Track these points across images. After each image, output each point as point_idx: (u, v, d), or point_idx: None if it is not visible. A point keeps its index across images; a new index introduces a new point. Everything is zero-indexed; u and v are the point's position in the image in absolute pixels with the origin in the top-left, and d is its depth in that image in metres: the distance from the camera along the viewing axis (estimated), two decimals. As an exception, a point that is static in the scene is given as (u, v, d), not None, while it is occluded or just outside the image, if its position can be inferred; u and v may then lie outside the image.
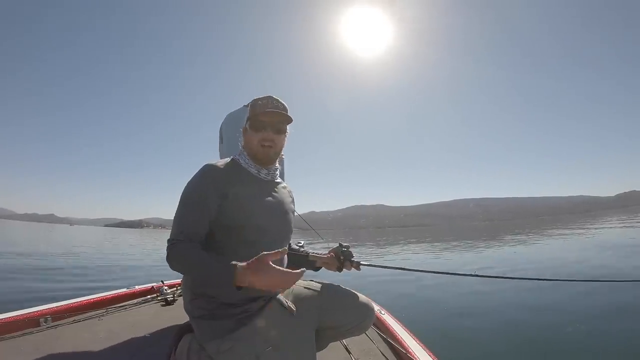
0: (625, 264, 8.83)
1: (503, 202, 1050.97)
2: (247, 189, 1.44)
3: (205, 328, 1.32)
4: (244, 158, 1.53)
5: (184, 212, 1.36)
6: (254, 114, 1.51)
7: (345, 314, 1.52)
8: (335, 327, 1.53)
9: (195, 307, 1.36)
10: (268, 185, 1.56)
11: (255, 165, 1.52)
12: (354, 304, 1.55)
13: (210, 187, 1.36)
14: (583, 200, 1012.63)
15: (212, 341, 1.29)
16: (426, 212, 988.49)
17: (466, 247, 17.63)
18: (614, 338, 3.94)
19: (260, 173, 1.53)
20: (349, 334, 1.60)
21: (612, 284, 6.21)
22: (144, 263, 12.82)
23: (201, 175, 1.40)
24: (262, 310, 1.37)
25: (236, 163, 1.52)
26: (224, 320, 1.31)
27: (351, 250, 1.78)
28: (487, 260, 11.60)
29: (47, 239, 30.82)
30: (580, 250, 10.50)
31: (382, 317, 2.49)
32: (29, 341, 2.07)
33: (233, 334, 1.27)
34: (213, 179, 1.38)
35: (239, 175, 1.47)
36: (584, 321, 4.47)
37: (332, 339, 1.64)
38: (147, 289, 3.21)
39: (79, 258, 13.81)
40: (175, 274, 1.41)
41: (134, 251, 20.20)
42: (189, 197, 1.38)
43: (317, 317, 1.48)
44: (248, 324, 1.30)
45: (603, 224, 29.85)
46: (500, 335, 4.26)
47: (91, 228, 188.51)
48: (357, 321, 1.54)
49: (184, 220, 1.34)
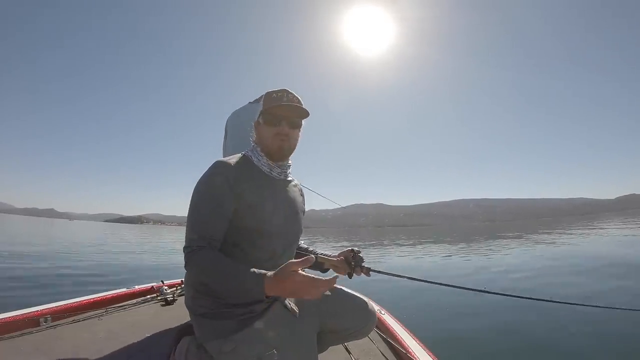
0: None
1: (504, 203, 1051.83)
2: (259, 190, 1.39)
3: (207, 327, 1.31)
4: (257, 155, 1.47)
5: (200, 214, 1.29)
6: (268, 107, 1.43)
7: (348, 318, 1.52)
8: (337, 330, 1.52)
9: (198, 305, 1.34)
10: (280, 185, 1.51)
11: (268, 162, 1.46)
12: (356, 309, 1.54)
13: (225, 187, 1.30)
14: (583, 202, 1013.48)
15: (214, 341, 1.28)
16: (426, 211, 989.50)
17: (472, 250, 17.53)
18: (616, 340, 3.92)
19: (272, 172, 1.47)
20: (351, 338, 1.60)
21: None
22: (143, 262, 12.81)
23: (214, 174, 1.33)
24: (266, 312, 1.34)
25: (248, 160, 1.45)
26: (227, 320, 1.29)
27: (362, 255, 1.66)
28: (495, 266, 11.29)
29: (47, 234, 30.78)
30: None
31: (382, 317, 2.49)
32: (28, 341, 2.06)
33: (236, 335, 1.26)
34: (226, 179, 1.31)
35: (251, 173, 1.41)
36: (585, 321, 4.46)
37: (333, 343, 1.64)
38: (147, 289, 3.20)
39: (79, 256, 13.80)
40: (175, 274, 1.40)
41: (134, 249, 20.18)
42: (203, 198, 1.31)
43: (319, 320, 1.47)
44: (251, 326, 1.28)
45: (594, 228, 29.62)
46: (500, 336, 4.26)
47: (91, 223, 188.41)
48: (358, 326, 1.54)
49: (202, 223, 1.28)
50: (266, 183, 1.44)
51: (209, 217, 1.27)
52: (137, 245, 24.05)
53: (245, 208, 1.32)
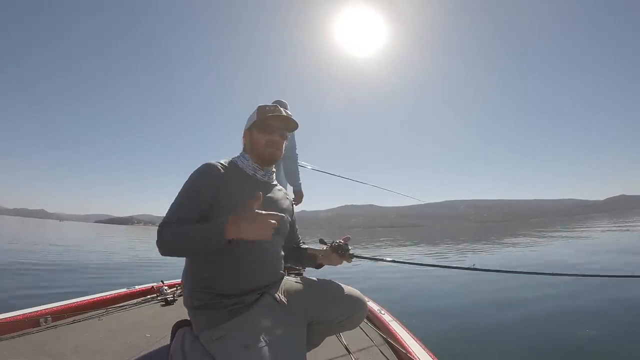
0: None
1: (494, 204, 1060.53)
2: (240, 186, 1.51)
3: (201, 318, 1.39)
4: (243, 159, 1.62)
5: (178, 201, 1.43)
6: (262, 117, 1.60)
7: (336, 307, 1.56)
8: (326, 321, 1.56)
9: (194, 299, 1.42)
10: (263, 186, 1.62)
11: (254, 166, 1.61)
12: (344, 297, 1.59)
13: (205, 181, 1.45)
14: (573, 203, 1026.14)
15: (206, 331, 1.35)
16: (417, 212, 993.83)
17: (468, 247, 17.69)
18: (622, 338, 3.92)
19: (256, 173, 1.62)
20: (341, 327, 1.63)
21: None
22: (143, 262, 12.71)
23: (198, 171, 1.49)
24: (256, 302, 1.43)
25: (233, 163, 1.59)
26: (218, 310, 1.38)
27: (342, 243, 1.72)
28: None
29: (40, 235, 30.31)
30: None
31: (382, 317, 2.50)
32: (28, 341, 2.05)
33: (225, 324, 1.33)
34: (210, 174, 1.47)
35: (235, 173, 1.55)
36: (586, 320, 4.49)
37: (325, 334, 1.67)
38: (147, 289, 3.20)
39: (75, 256, 13.65)
40: (175, 274, 1.42)
41: (130, 249, 20.00)
42: (184, 189, 1.45)
43: (308, 310, 1.53)
44: (240, 315, 1.36)
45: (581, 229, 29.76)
46: (501, 336, 4.28)
47: (81, 224, 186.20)
48: (347, 314, 1.57)
49: (177, 207, 1.41)
50: (249, 182, 1.59)
51: (184, 203, 1.42)
52: (133, 245, 23.84)
53: (224, 199, 1.44)
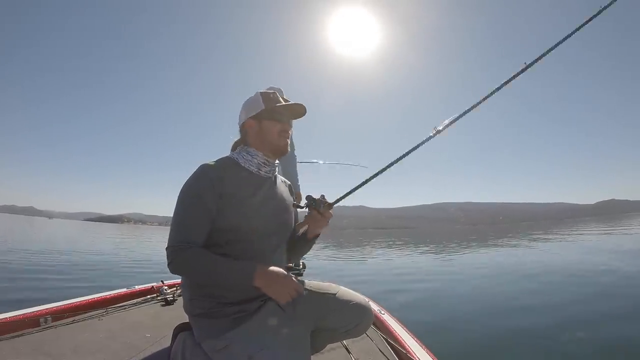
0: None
1: (484, 207, 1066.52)
2: (245, 189, 1.41)
3: (203, 326, 1.34)
4: (246, 155, 1.49)
5: (183, 216, 1.34)
6: (273, 105, 1.47)
7: (342, 316, 1.49)
8: (331, 328, 1.51)
9: (195, 306, 1.37)
10: (268, 183, 1.53)
11: (262, 160, 1.49)
12: (351, 306, 1.50)
13: (208, 189, 1.33)
14: (563, 207, 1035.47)
15: (208, 340, 1.31)
16: (408, 214, 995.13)
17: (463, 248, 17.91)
18: (617, 342, 3.91)
19: (260, 171, 1.49)
20: (346, 335, 1.58)
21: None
22: (143, 262, 12.59)
23: (197, 177, 1.37)
24: (259, 310, 1.36)
25: (233, 162, 1.47)
26: (221, 319, 1.32)
27: (315, 197, 1.55)
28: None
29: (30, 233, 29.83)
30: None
31: (382, 317, 2.48)
32: (28, 341, 2.03)
33: (228, 334, 1.28)
34: (210, 180, 1.34)
35: (236, 174, 1.43)
36: (586, 323, 4.53)
37: (329, 341, 1.63)
38: (147, 289, 3.18)
39: (72, 256, 13.47)
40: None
41: (127, 249, 19.80)
42: (186, 200, 1.35)
43: (313, 318, 1.46)
44: (243, 324, 1.31)
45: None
46: (501, 336, 4.29)
47: (70, 222, 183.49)
48: (353, 323, 1.51)
49: (185, 225, 1.33)
50: (253, 182, 1.46)
51: (191, 219, 1.33)
52: (129, 245, 23.61)
53: (229, 206, 1.35)
